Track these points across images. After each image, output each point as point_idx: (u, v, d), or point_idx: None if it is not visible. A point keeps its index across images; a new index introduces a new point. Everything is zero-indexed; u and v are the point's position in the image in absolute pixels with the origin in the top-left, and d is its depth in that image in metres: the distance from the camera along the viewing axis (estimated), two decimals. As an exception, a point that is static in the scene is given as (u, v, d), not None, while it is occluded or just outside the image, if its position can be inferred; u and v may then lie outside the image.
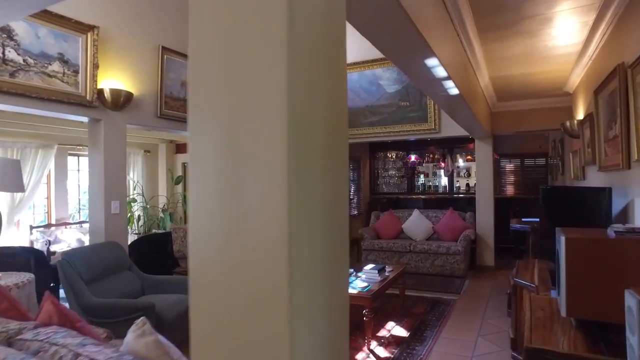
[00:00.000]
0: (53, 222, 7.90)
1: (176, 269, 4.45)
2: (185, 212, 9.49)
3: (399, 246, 6.37)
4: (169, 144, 9.83)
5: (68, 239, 7.51)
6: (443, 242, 6.40)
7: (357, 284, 3.77)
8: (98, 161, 4.24)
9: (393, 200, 9.22)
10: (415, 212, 6.95)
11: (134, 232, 8.65)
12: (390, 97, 7.02)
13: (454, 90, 3.17)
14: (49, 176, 7.95)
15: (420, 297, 5.08)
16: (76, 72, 3.91)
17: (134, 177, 9.16)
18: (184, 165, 9.91)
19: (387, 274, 4.16)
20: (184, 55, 5.04)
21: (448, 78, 2.81)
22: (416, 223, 6.82)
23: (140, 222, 8.75)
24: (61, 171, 8.04)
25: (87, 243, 6.67)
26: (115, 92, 4.18)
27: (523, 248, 7.11)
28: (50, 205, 7.93)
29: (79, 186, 8.51)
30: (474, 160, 7.71)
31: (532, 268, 3.26)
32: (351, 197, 9.57)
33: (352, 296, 3.56)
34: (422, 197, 9.10)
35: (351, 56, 7.28)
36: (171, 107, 4.90)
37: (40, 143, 7.52)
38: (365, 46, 6.93)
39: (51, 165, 7.93)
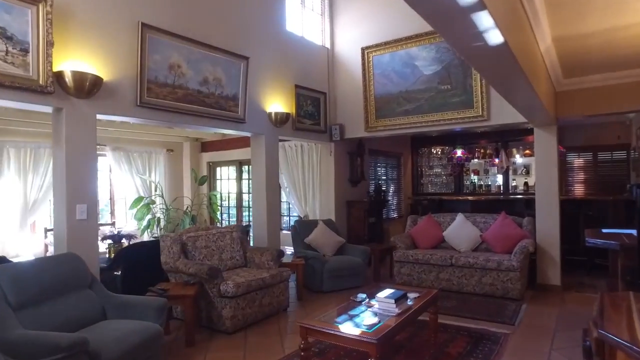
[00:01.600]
0: (69, 225, 7.50)
1: (154, 287, 3.70)
2: (210, 215, 8.89)
3: (438, 258, 5.27)
4: (193, 143, 9.29)
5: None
6: (493, 254, 5.21)
7: (364, 319, 2.79)
8: (60, 158, 3.58)
9: (435, 202, 8.03)
10: (459, 217, 5.80)
11: (154, 235, 8.15)
12: (427, 80, 5.92)
13: (495, 36, 2.12)
14: (65, 177, 7.57)
15: (460, 327, 3.98)
16: (25, 50, 3.25)
17: (156, 178, 8.68)
18: (209, 165, 9.33)
19: (409, 302, 3.13)
20: (173, 34, 4.29)
21: (481, 6, 1.77)
22: (460, 230, 5.67)
23: (161, 225, 8.23)
24: (77, 172, 7.64)
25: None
26: (79, 76, 3.49)
27: (601, 263, 5.71)
28: (67, 207, 7.54)
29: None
30: (534, 155, 6.38)
31: (628, 308, 2.13)
32: (389, 198, 8.51)
33: (352, 339, 2.59)
34: (470, 198, 7.84)
35: (381, 35, 6.25)
36: (156, 95, 4.17)
37: (54, 142, 7.13)
38: (397, 22, 5.80)
39: (66, 165, 7.56)
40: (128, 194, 8.29)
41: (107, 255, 5.72)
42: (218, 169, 9.33)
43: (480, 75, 5.17)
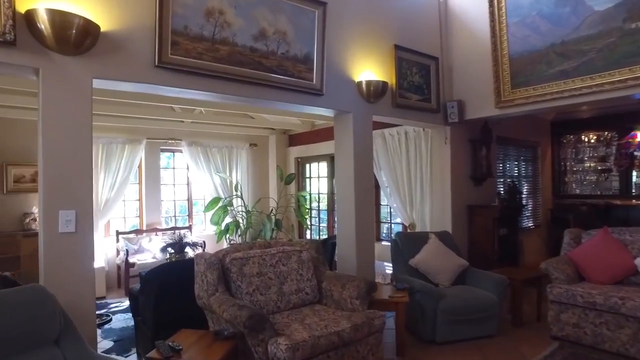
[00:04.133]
0: (144, 227, 6.83)
1: (165, 341, 2.36)
2: (298, 219, 7.62)
3: (637, 307, 3.16)
4: (280, 136, 8.12)
5: (154, 249, 6.29)
6: None
7: None
8: (39, 142, 2.44)
9: (598, 208, 5.68)
10: (663, 235, 3.58)
11: (232, 241, 7.12)
12: (602, 19, 3.80)
13: None
14: (140, 175, 6.93)
15: None
16: (-30, -22, 2.15)
17: (237, 176, 7.67)
18: (298, 161, 8.08)
19: None
20: (211, -35, 2.96)
21: None
22: (667, 256, 3.46)
23: (240, 230, 7.18)
24: (152, 169, 6.94)
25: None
26: (60, 18, 2.31)
27: None
28: (142, 208, 6.89)
29: (174, 186, 7.36)
30: None
31: None
32: (524, 201, 6.35)
33: None
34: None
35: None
36: (186, 52, 2.87)
37: (127, 138, 6.48)
38: None
39: (141, 162, 6.91)
40: (207, 195, 7.40)
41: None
42: (307, 165, 8.03)
43: None
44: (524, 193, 6.68)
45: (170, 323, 3.10)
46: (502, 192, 5.62)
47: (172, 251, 5.15)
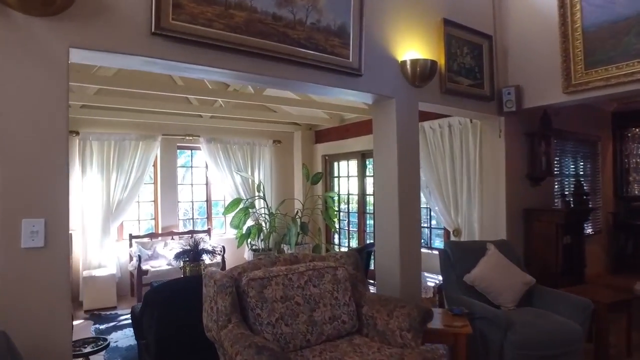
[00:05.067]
0: (160, 231, 6.33)
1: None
2: (326, 222, 6.98)
3: None
4: (305, 132, 7.51)
5: (170, 254, 5.76)
6: None
7: None
8: (-3, 130, 1.87)
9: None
10: None
11: (254, 247, 6.55)
12: None
13: None
14: (155, 175, 6.43)
15: None
16: None
17: (259, 175, 7.10)
18: (325, 159, 7.44)
19: None
20: None
21: None
22: None
23: (263, 234, 6.60)
24: (168, 168, 6.43)
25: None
26: (22, -34, 1.74)
27: None
28: (158, 210, 6.39)
29: (191, 186, 6.84)
30: None
31: None
32: (589, 203, 5.52)
33: None
34: None
35: None
36: (191, 17, 2.26)
37: (141, 134, 5.99)
38: None
39: (157, 160, 6.42)
40: (227, 195, 6.85)
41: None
42: (335, 163, 7.38)
43: None
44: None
45: (177, 353, 2.52)
46: (567, 193, 4.82)
47: (187, 259, 4.59)
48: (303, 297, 2.41)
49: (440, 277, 3.82)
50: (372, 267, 4.48)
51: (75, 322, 4.69)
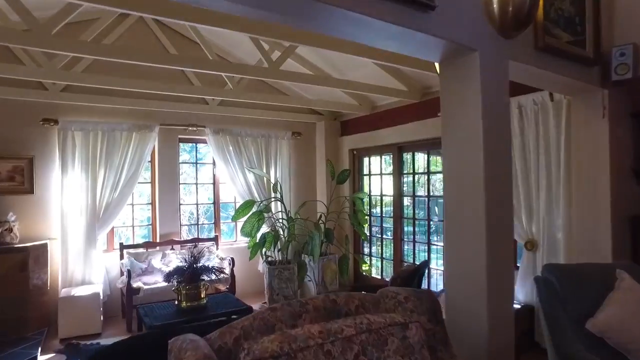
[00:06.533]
0: (158, 239, 5.32)
1: None
2: (354, 228, 5.87)
3: None
4: (330, 122, 6.42)
5: (168, 268, 4.72)
6: None
7: None
8: None
9: None
10: None
11: (269, 258, 5.49)
12: None
13: None
14: (153, 172, 5.43)
15: None
16: None
17: (275, 173, 6.04)
18: (353, 154, 6.34)
19: None
20: None
21: None
22: None
23: (279, 244, 5.53)
24: (168, 164, 5.41)
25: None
26: None
27: None
28: (155, 214, 5.37)
29: (196, 185, 5.81)
30: None
31: None
32: None
33: None
34: None
35: None
36: None
37: (134, 123, 5.00)
38: None
39: (154, 155, 5.42)
40: (237, 197, 5.81)
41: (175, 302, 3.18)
42: (365, 159, 6.27)
43: None
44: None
45: None
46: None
47: (181, 279, 3.55)
48: (354, 386, 1.31)
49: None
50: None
51: (42, 358, 3.70)
